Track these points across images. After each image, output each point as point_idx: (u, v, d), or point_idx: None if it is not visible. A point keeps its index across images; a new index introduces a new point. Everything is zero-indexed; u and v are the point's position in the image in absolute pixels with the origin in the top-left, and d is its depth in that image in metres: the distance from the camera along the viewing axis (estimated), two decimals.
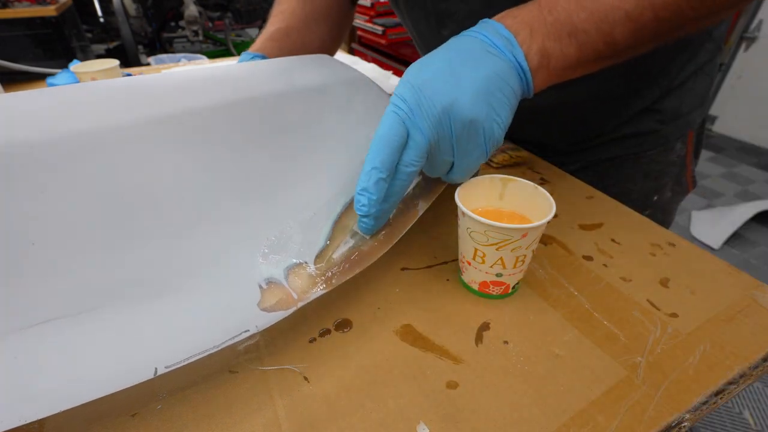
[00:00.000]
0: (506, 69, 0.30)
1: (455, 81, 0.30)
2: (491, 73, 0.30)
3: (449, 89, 0.29)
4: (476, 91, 0.29)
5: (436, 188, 0.37)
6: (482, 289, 0.34)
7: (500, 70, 0.30)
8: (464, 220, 0.31)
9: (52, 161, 0.29)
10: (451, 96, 0.29)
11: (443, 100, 0.29)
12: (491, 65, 0.30)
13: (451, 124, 0.30)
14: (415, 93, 0.30)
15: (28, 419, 0.22)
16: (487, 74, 0.30)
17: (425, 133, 0.30)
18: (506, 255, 0.31)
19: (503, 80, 0.30)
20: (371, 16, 1.67)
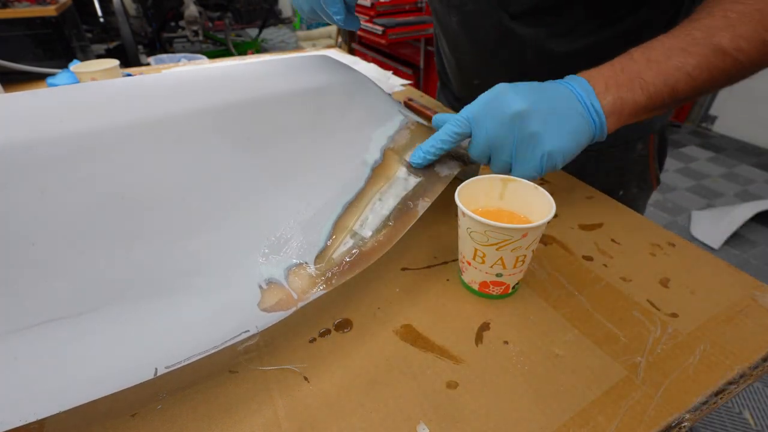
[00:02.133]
0: (582, 111, 0.35)
1: (533, 98, 0.35)
2: (567, 109, 0.35)
3: (524, 102, 0.34)
4: (548, 111, 0.35)
5: (436, 188, 0.37)
6: (482, 289, 0.34)
7: (576, 109, 0.35)
8: (464, 220, 0.31)
9: (52, 161, 0.29)
10: (524, 106, 0.34)
11: (517, 106, 0.34)
12: (569, 104, 0.35)
13: (516, 130, 0.35)
14: (492, 97, 0.36)
15: (28, 419, 0.22)
16: (564, 107, 0.35)
17: (489, 132, 0.36)
18: (506, 255, 0.31)
19: (576, 118, 0.35)
20: (371, 16, 1.67)
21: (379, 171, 0.39)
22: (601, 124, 0.35)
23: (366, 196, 0.37)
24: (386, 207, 0.36)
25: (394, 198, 0.36)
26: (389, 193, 0.37)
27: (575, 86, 0.36)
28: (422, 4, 1.77)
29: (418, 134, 0.43)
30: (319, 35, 3.30)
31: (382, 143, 0.41)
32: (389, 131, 0.42)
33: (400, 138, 0.42)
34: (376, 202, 0.36)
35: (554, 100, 0.35)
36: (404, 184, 0.37)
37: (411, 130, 0.43)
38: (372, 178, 0.38)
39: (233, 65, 0.46)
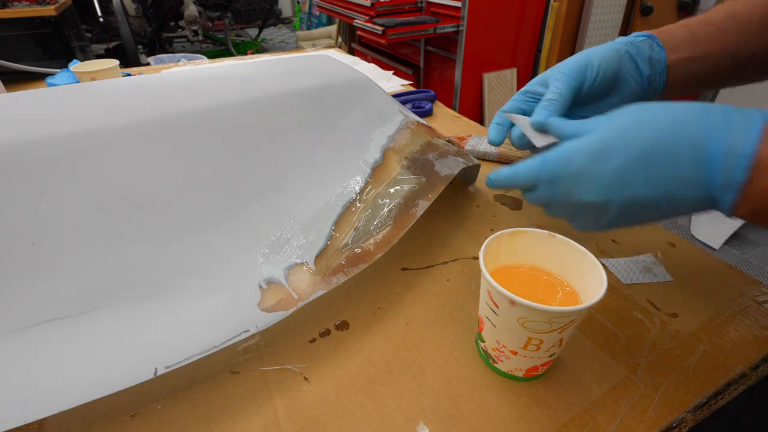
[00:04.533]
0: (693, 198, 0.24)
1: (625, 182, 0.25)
2: (668, 196, 0.25)
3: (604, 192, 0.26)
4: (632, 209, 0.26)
5: (437, 188, 0.37)
6: (530, 373, 0.28)
7: (682, 197, 0.24)
8: (514, 310, 0.24)
9: (52, 161, 0.29)
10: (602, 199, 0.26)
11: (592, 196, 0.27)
12: (677, 190, 0.24)
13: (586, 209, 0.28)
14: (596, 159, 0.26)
15: (28, 419, 0.22)
16: (663, 196, 0.25)
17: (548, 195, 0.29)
18: (567, 334, 0.25)
19: (674, 203, 0.25)
20: (371, 16, 1.67)
21: (379, 171, 0.39)
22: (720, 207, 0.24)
23: (366, 196, 0.37)
24: (386, 207, 0.36)
25: (394, 198, 0.36)
26: (389, 193, 0.37)
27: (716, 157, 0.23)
28: (422, 4, 1.77)
29: (418, 134, 0.43)
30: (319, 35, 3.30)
31: (382, 143, 0.41)
32: (389, 131, 0.42)
33: (400, 138, 0.42)
34: (376, 202, 0.36)
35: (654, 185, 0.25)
36: (404, 184, 0.37)
37: (411, 130, 0.43)
38: (372, 178, 0.38)
39: (233, 65, 0.46)
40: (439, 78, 1.89)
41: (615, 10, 1.86)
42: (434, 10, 1.74)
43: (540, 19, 1.79)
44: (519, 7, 1.70)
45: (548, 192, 0.29)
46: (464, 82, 1.74)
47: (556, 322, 0.24)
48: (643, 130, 0.25)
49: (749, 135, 0.22)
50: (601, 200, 0.27)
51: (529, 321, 0.24)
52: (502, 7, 1.66)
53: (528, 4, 1.71)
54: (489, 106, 1.83)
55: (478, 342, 0.30)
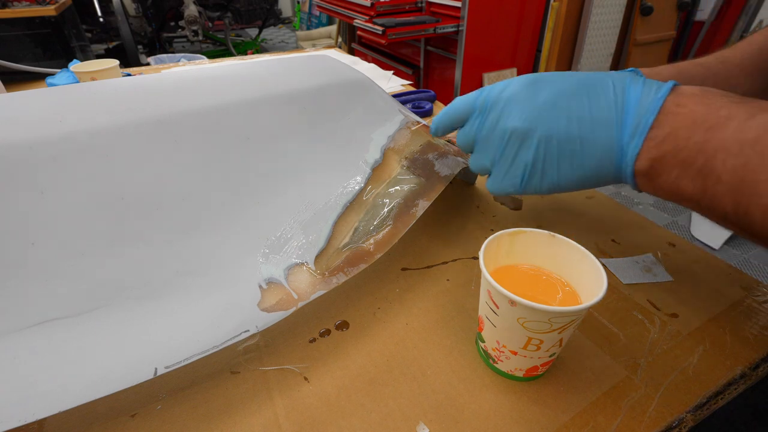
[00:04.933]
0: (607, 150, 0.27)
1: (545, 113, 0.28)
2: (584, 135, 0.27)
3: (525, 120, 0.29)
4: (554, 138, 0.28)
5: (437, 188, 0.37)
6: (530, 373, 0.28)
7: (601, 143, 0.27)
8: (514, 310, 0.24)
9: (52, 161, 0.29)
10: (523, 125, 0.29)
11: (515, 123, 0.29)
12: (597, 132, 0.27)
13: (505, 146, 0.30)
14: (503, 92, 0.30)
15: (28, 419, 0.22)
16: (580, 135, 0.27)
17: (479, 129, 0.32)
18: (567, 334, 0.25)
19: (592, 153, 0.28)
20: (371, 16, 1.67)
21: (379, 171, 0.39)
22: (624, 175, 0.27)
23: (366, 196, 0.37)
24: (386, 207, 0.36)
25: (394, 198, 0.36)
26: (389, 193, 0.37)
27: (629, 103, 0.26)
28: (422, 4, 1.77)
29: (418, 134, 0.43)
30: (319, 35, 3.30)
31: (382, 143, 0.41)
32: (389, 131, 0.42)
33: (400, 138, 0.42)
34: (376, 202, 0.36)
35: (576, 119, 0.28)
36: (404, 184, 0.37)
37: (411, 130, 0.43)
38: (372, 178, 0.38)
39: (233, 65, 0.46)
40: (439, 78, 1.89)
41: (615, 10, 1.86)
42: (434, 10, 1.74)
43: (540, 19, 1.79)
44: (519, 7, 1.70)
45: (480, 121, 0.32)
46: (464, 82, 1.74)
47: (556, 322, 0.24)
48: (576, 75, 0.29)
49: (662, 91, 0.26)
50: (525, 127, 0.29)
51: (529, 321, 0.24)
52: (502, 7, 1.66)
53: (528, 4, 1.71)
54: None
55: (478, 342, 0.30)
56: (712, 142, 0.23)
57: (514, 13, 1.70)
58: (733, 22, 2.12)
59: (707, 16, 2.16)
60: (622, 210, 0.45)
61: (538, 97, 0.29)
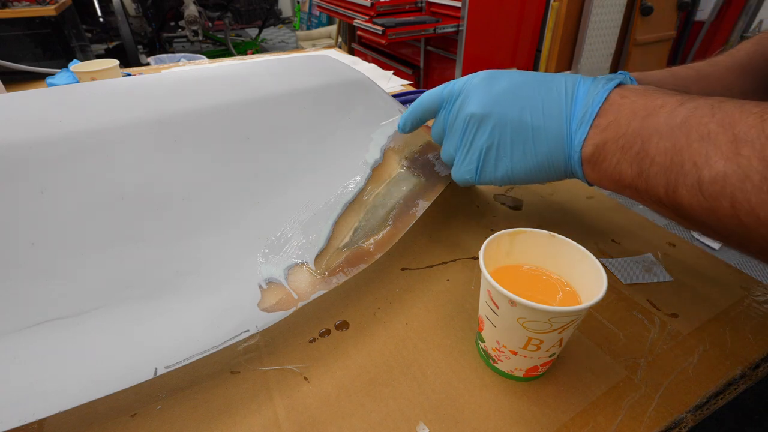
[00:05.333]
0: (557, 138, 0.29)
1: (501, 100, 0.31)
2: (536, 124, 0.30)
3: (483, 105, 0.31)
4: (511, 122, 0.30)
5: (437, 188, 0.37)
6: (530, 373, 0.28)
7: (553, 131, 0.29)
8: (514, 310, 0.24)
9: (52, 161, 0.29)
10: (480, 110, 0.31)
11: (473, 108, 0.32)
12: (545, 116, 0.30)
13: (466, 131, 0.33)
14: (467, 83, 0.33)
15: (28, 419, 0.22)
16: (532, 124, 0.30)
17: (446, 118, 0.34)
18: (567, 334, 0.25)
19: (542, 140, 0.30)
20: (371, 16, 1.67)
21: (379, 171, 0.39)
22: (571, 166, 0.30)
23: (366, 196, 0.37)
24: (386, 207, 0.36)
25: (394, 198, 0.36)
26: (389, 193, 0.37)
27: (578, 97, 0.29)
28: (422, 4, 1.77)
29: (418, 134, 0.43)
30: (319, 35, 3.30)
31: (382, 143, 0.41)
32: (389, 131, 0.42)
33: (401, 138, 0.42)
34: (376, 202, 0.36)
35: (529, 108, 0.30)
36: (404, 184, 0.37)
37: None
38: (372, 178, 0.38)
39: (233, 65, 0.46)
40: (439, 78, 1.89)
41: (615, 10, 1.86)
42: (434, 10, 1.74)
43: (540, 19, 1.79)
44: (519, 7, 1.70)
45: (447, 111, 0.34)
46: None
47: (556, 322, 0.24)
48: (533, 73, 0.32)
49: (609, 86, 0.28)
50: (482, 112, 0.31)
51: (529, 321, 0.24)
52: (502, 7, 1.66)
53: (528, 4, 1.71)
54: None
55: (478, 342, 0.30)
56: (647, 128, 0.25)
57: (514, 13, 1.70)
58: (733, 22, 2.12)
59: (707, 16, 2.16)
60: (622, 210, 0.45)
61: (495, 87, 0.32)
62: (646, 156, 0.25)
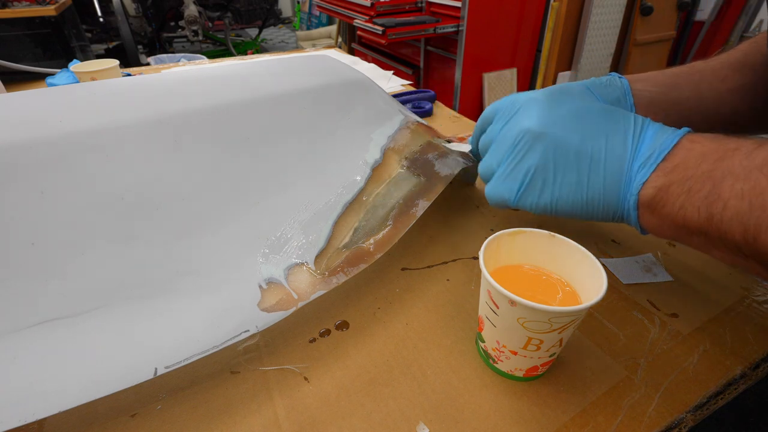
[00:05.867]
0: (614, 176, 0.28)
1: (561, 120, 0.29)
2: (593, 153, 0.28)
3: (541, 121, 0.30)
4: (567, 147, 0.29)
5: (437, 188, 0.37)
6: (530, 373, 0.28)
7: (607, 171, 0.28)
8: (514, 310, 0.24)
9: (52, 161, 0.29)
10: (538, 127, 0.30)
11: (529, 123, 0.30)
12: (604, 149, 0.28)
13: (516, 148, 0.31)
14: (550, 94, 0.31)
15: (28, 419, 0.22)
16: (589, 151, 0.28)
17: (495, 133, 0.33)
18: (567, 334, 0.25)
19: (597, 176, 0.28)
20: (371, 16, 1.67)
21: (379, 171, 0.39)
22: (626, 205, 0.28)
23: (366, 196, 0.37)
24: (386, 207, 0.36)
25: (394, 198, 0.36)
26: (389, 193, 0.37)
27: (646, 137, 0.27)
28: (422, 4, 1.77)
29: (418, 134, 0.43)
30: (319, 35, 3.30)
31: (382, 143, 0.41)
32: (389, 131, 0.42)
33: (401, 138, 0.42)
34: (376, 202, 0.36)
35: (591, 137, 0.28)
36: (404, 184, 0.37)
37: (411, 130, 0.43)
38: (372, 178, 0.38)
39: (233, 65, 0.46)
40: (439, 78, 1.89)
41: (615, 10, 1.86)
42: (434, 10, 1.74)
43: (540, 19, 1.79)
44: (519, 7, 1.70)
45: (500, 121, 0.33)
46: (464, 82, 1.74)
47: (556, 322, 0.23)
48: (600, 103, 0.30)
49: (679, 132, 0.27)
50: (539, 130, 0.29)
51: (529, 321, 0.24)
52: (502, 7, 1.66)
53: (528, 4, 1.71)
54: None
55: (478, 342, 0.30)
56: (720, 169, 0.23)
57: (514, 13, 1.70)
58: (733, 22, 2.12)
59: (707, 16, 2.16)
60: None
61: (559, 106, 0.30)
62: (718, 199, 0.23)
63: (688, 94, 0.37)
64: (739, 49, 0.39)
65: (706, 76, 0.37)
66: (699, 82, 0.37)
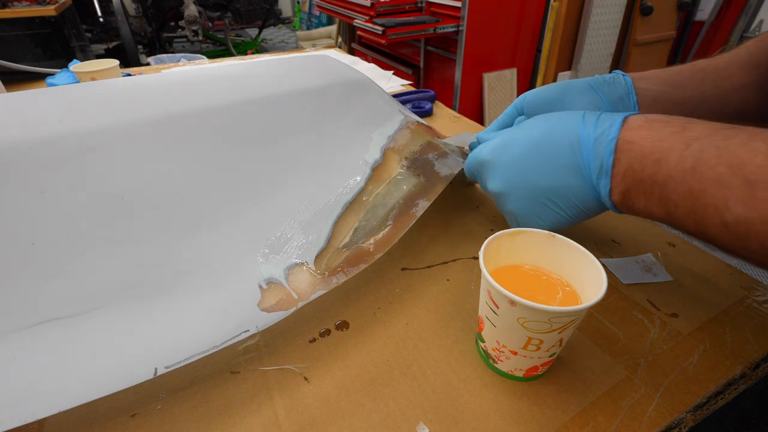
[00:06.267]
0: (578, 188, 0.29)
1: (514, 175, 0.32)
2: (557, 185, 0.30)
3: (501, 183, 0.33)
4: (528, 196, 0.31)
5: (436, 188, 0.37)
6: (530, 373, 0.28)
7: (569, 186, 0.30)
8: (514, 310, 0.24)
9: (52, 161, 0.29)
10: (500, 188, 0.33)
11: (493, 186, 0.33)
12: (562, 177, 0.30)
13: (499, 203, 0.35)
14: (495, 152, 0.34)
15: (28, 419, 0.22)
16: (552, 185, 0.30)
17: None
18: (567, 334, 0.25)
19: (565, 195, 0.30)
20: (371, 16, 1.67)
21: (379, 171, 0.39)
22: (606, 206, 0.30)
23: (366, 196, 0.37)
24: (386, 207, 0.36)
25: (394, 198, 0.36)
26: (389, 193, 0.37)
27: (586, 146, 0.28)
28: (422, 4, 1.77)
29: (418, 134, 0.43)
30: (319, 35, 3.30)
31: (382, 143, 0.41)
32: (389, 131, 0.42)
33: (401, 138, 0.42)
34: (376, 202, 0.36)
35: (543, 174, 0.30)
36: (404, 184, 0.37)
37: (411, 130, 0.43)
38: (372, 178, 0.38)
39: (233, 65, 0.46)
40: (439, 78, 1.89)
41: (615, 10, 1.86)
42: (434, 10, 1.74)
43: (540, 19, 1.79)
44: (519, 7, 1.70)
45: (480, 182, 0.36)
46: (464, 82, 1.74)
47: (556, 322, 0.23)
48: (534, 128, 0.32)
49: (614, 127, 0.28)
50: (501, 191, 0.33)
51: (529, 321, 0.24)
52: (502, 7, 1.66)
53: (528, 4, 1.71)
54: (489, 106, 1.83)
55: (478, 342, 0.30)
56: (661, 173, 0.25)
57: (514, 13, 1.70)
58: (733, 22, 2.12)
59: (707, 16, 2.16)
60: None
61: (506, 158, 0.33)
62: (669, 201, 0.25)
63: (691, 93, 0.37)
64: (745, 47, 0.39)
65: (710, 75, 0.38)
66: (703, 80, 0.37)
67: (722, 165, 0.22)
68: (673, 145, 0.25)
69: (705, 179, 0.23)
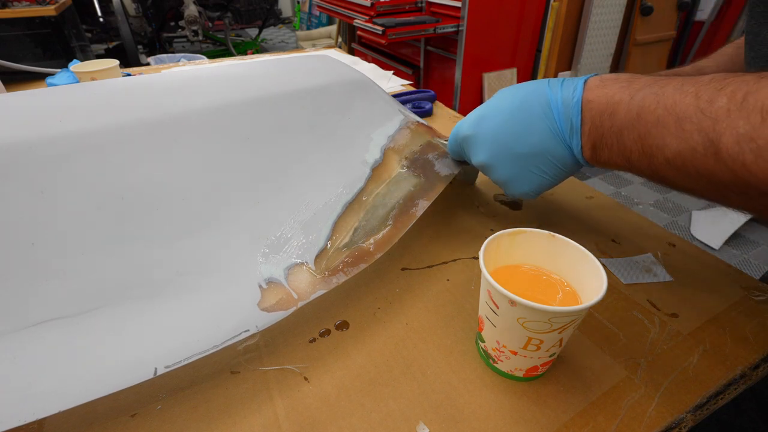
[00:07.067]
0: (556, 149, 0.32)
1: (497, 147, 0.34)
2: (537, 150, 0.32)
3: (485, 154, 0.35)
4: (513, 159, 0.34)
5: (436, 188, 0.37)
6: (530, 373, 0.28)
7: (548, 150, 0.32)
8: (514, 310, 0.24)
9: (52, 161, 0.29)
10: (484, 160, 0.35)
11: (478, 159, 0.36)
12: (540, 141, 0.32)
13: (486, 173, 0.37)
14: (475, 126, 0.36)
15: (28, 419, 0.22)
16: (533, 151, 0.33)
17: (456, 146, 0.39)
18: (567, 334, 0.25)
19: (546, 158, 0.33)
20: (371, 16, 1.67)
21: (379, 171, 0.39)
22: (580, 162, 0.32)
23: (366, 196, 0.37)
24: (386, 207, 0.36)
25: (394, 198, 0.36)
26: (389, 193, 0.37)
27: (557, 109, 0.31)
28: (422, 4, 1.77)
29: (418, 134, 0.43)
30: (319, 35, 3.30)
31: (382, 143, 0.41)
32: (389, 131, 0.42)
33: (400, 138, 0.42)
34: (376, 202, 0.36)
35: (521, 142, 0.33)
36: (404, 184, 0.37)
37: (411, 130, 0.43)
38: (372, 178, 0.38)
39: (233, 65, 0.46)
40: (439, 78, 1.89)
41: (615, 10, 1.86)
42: (434, 10, 1.74)
43: (540, 19, 1.79)
44: (519, 7, 1.70)
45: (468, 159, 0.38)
46: (464, 82, 1.74)
47: (556, 322, 0.23)
48: (506, 98, 0.34)
49: (577, 90, 0.31)
50: (485, 162, 0.35)
51: (529, 321, 0.24)
52: (502, 7, 1.66)
53: (528, 4, 1.71)
54: None
55: (478, 342, 0.30)
56: (615, 124, 0.28)
57: (514, 13, 1.70)
58: (733, 22, 2.11)
59: (707, 16, 2.16)
60: (622, 210, 0.45)
61: (483, 132, 0.35)
62: (625, 149, 0.28)
63: None
64: (724, 53, 0.41)
65: None
66: None
67: (660, 108, 0.25)
68: (621, 98, 0.28)
69: (648, 123, 0.26)
